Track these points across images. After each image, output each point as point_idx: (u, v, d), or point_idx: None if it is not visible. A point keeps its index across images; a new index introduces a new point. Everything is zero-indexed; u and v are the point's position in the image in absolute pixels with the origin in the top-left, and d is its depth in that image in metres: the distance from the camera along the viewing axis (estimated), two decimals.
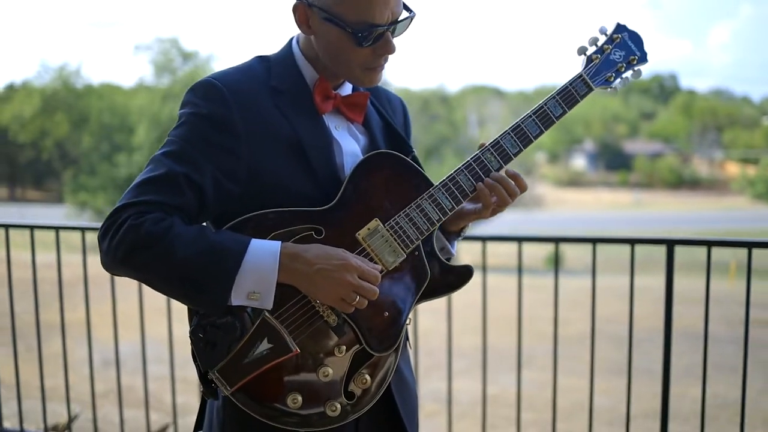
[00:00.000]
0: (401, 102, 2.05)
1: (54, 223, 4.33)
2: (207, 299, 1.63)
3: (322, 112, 1.79)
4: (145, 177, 1.67)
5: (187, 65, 38.80)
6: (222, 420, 1.78)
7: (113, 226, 1.62)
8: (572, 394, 9.34)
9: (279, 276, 1.63)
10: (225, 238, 1.65)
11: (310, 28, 1.74)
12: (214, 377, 1.67)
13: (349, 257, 1.65)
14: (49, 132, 39.35)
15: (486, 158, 1.81)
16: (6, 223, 4.31)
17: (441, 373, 11.65)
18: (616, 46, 1.92)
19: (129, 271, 1.65)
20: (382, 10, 1.65)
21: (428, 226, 1.76)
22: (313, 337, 1.70)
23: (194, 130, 1.70)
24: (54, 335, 4.56)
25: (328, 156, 1.77)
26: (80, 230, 4.29)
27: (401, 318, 1.76)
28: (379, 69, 1.76)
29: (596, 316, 3.69)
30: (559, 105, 1.85)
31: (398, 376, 1.85)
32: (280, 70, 1.79)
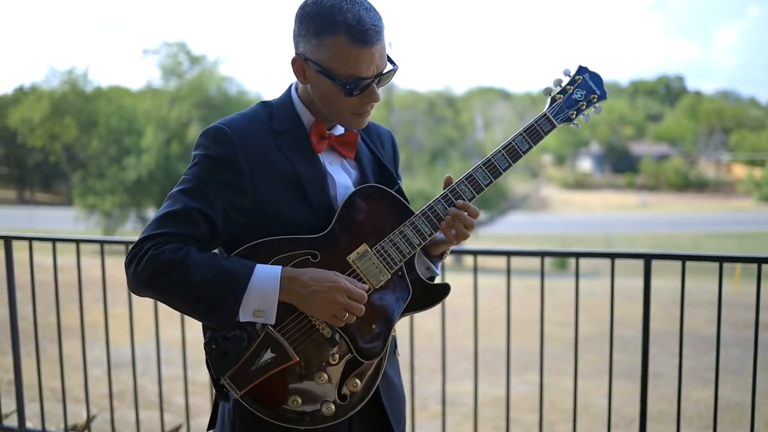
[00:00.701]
0: (390, 135, 2.30)
1: (75, 237, 4.52)
2: (218, 316, 1.87)
3: (318, 151, 2.03)
4: (164, 212, 1.91)
5: (194, 69, 38.92)
6: (233, 420, 2.02)
7: (138, 254, 1.86)
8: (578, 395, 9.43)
9: (280, 296, 1.88)
10: (233, 263, 1.88)
11: (306, 78, 1.98)
12: (225, 383, 1.92)
13: (340, 279, 1.89)
14: (57, 135, 39.44)
15: (460, 189, 2.04)
16: (30, 236, 4.48)
17: (448, 374, 11.77)
18: (578, 87, 2.15)
19: (152, 293, 1.89)
20: (368, 66, 1.89)
21: (410, 250, 1.99)
22: (311, 347, 1.94)
23: (205, 170, 1.94)
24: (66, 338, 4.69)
25: (323, 189, 2.01)
26: (99, 243, 4.52)
27: (387, 330, 1.98)
28: (366, 114, 2.00)
29: (601, 319, 3.78)
30: (526, 141, 2.08)
31: (386, 381, 2.09)
32: (281, 114, 2.04)
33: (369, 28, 1.87)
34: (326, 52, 1.89)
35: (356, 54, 1.88)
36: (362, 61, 1.89)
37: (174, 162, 36.07)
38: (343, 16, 1.86)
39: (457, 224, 2.02)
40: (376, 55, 1.90)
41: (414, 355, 4.19)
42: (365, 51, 1.88)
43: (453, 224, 2.03)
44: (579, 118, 2.17)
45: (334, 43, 1.87)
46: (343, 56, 1.88)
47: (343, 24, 1.86)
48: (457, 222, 2.02)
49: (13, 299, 4.49)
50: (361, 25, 1.86)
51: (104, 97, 39.16)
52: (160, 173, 35.90)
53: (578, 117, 2.17)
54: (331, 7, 1.87)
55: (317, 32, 1.89)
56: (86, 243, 4.63)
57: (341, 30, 1.86)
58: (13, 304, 4.50)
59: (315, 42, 1.90)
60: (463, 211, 2.02)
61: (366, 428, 2.08)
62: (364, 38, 1.87)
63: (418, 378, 11.94)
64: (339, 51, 1.87)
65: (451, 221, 2.02)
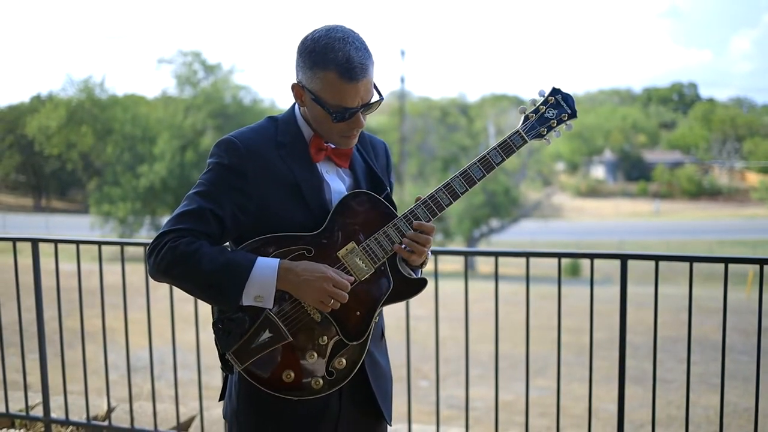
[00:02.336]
0: (384, 146, 2.57)
1: (97, 239, 4.70)
2: (224, 301, 2.15)
3: (316, 161, 2.30)
4: (181, 210, 2.20)
5: (209, 78, 39.11)
6: (238, 390, 2.32)
7: (158, 246, 2.14)
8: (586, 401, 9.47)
9: (277, 284, 2.14)
10: (238, 256, 2.16)
11: (303, 102, 2.26)
12: (230, 357, 2.20)
13: (328, 270, 2.15)
14: (74, 143, 39.71)
15: (439, 196, 2.31)
16: (55, 239, 4.66)
17: (457, 379, 11.89)
18: (550, 106, 2.41)
19: (169, 280, 2.18)
20: (353, 98, 2.15)
21: (392, 247, 2.26)
22: (303, 329, 2.21)
23: (217, 176, 2.22)
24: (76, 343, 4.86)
25: (319, 194, 2.27)
26: (120, 245, 4.74)
27: (370, 316, 2.24)
28: (352, 137, 2.28)
29: (611, 325, 3.88)
30: (499, 154, 2.33)
31: (372, 360, 2.35)
32: (285, 128, 2.32)
33: (356, 67, 2.12)
34: (318, 84, 2.15)
35: (344, 88, 2.13)
36: (348, 95, 2.14)
37: (188, 169, 36.29)
38: (335, 54, 2.11)
39: (413, 245, 2.27)
40: (362, 89, 2.16)
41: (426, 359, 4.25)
42: (351, 86, 2.13)
43: (411, 245, 2.27)
44: (551, 134, 2.42)
45: (325, 76, 2.13)
46: (332, 89, 2.14)
47: (333, 62, 2.11)
48: (416, 243, 2.27)
49: (39, 299, 4.68)
50: (349, 63, 2.11)
51: (120, 106, 39.35)
52: (174, 181, 36.12)
53: (549, 133, 2.41)
54: (325, 45, 2.14)
55: (312, 65, 2.16)
56: (107, 245, 4.82)
57: (331, 66, 2.12)
58: (40, 304, 4.68)
59: (310, 74, 2.18)
60: (419, 233, 2.27)
61: (354, 401, 2.35)
62: (350, 75, 2.12)
63: (427, 383, 12.11)
64: (329, 84, 2.14)
65: (410, 243, 2.27)
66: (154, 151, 36.39)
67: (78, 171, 45.26)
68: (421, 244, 2.26)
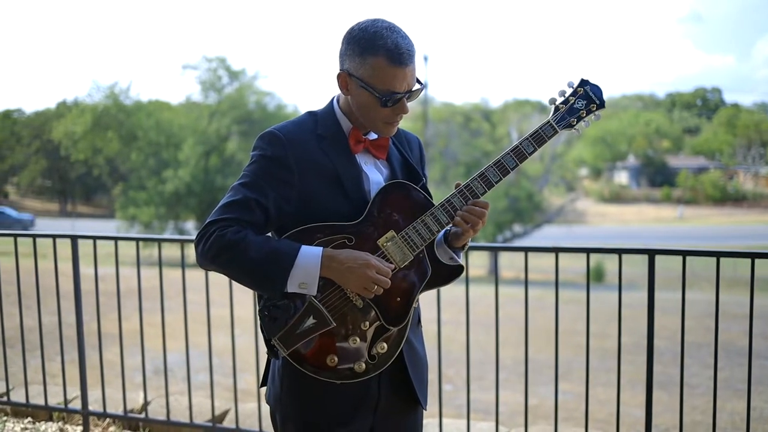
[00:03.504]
0: (418, 140, 2.67)
1: (135, 235, 4.83)
2: (270, 287, 2.22)
3: (355, 153, 2.38)
4: (227, 201, 2.28)
5: (233, 84, 39.31)
6: (281, 374, 2.39)
7: (205, 235, 2.22)
8: (610, 405, 9.51)
9: (320, 272, 2.21)
10: (283, 244, 2.22)
11: (348, 90, 2.33)
12: (275, 343, 2.26)
13: (370, 258, 2.22)
14: (100, 149, 40.04)
15: (474, 185, 2.38)
16: (94, 236, 4.79)
17: (480, 384, 11.92)
18: (579, 97, 2.47)
19: (216, 267, 2.24)
20: (401, 83, 2.24)
21: (430, 235, 2.32)
22: (346, 315, 2.28)
23: (261, 167, 2.30)
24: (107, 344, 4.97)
25: (358, 184, 2.35)
26: (157, 241, 4.86)
27: (409, 302, 2.31)
28: (395, 123, 2.36)
29: (635, 330, 3.90)
30: (531, 144, 2.40)
31: (409, 346, 2.42)
32: (324, 121, 2.40)
33: (404, 53, 2.22)
34: (368, 70, 2.23)
35: (392, 73, 2.22)
36: (396, 79, 2.23)
37: (213, 174, 36.51)
38: (384, 41, 2.21)
39: (468, 216, 2.36)
40: (408, 75, 2.25)
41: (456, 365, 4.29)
42: (399, 70, 2.22)
43: (467, 217, 2.36)
44: (580, 124, 2.48)
45: (375, 62, 2.22)
46: (381, 74, 2.22)
47: (383, 48, 2.21)
48: (471, 215, 2.36)
49: (78, 294, 4.80)
50: (398, 49, 2.21)
51: (144, 111, 39.63)
52: (198, 186, 36.34)
53: (579, 123, 2.48)
54: (374, 33, 2.23)
55: (361, 52, 2.25)
56: (145, 241, 4.96)
57: (381, 52, 2.21)
58: (79, 299, 4.81)
59: (359, 60, 2.26)
60: (474, 206, 2.37)
61: (392, 386, 2.43)
62: (399, 60, 2.22)
63: (450, 387, 12.13)
64: (378, 69, 2.22)
65: (466, 215, 2.36)
66: (179, 157, 36.63)
67: (103, 176, 45.59)
68: (477, 217, 2.34)
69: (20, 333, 5.05)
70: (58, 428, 5.01)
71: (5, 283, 4.99)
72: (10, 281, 4.98)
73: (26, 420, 5.17)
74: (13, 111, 60.83)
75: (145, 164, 37.93)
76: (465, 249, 2.54)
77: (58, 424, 5.07)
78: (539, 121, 2.50)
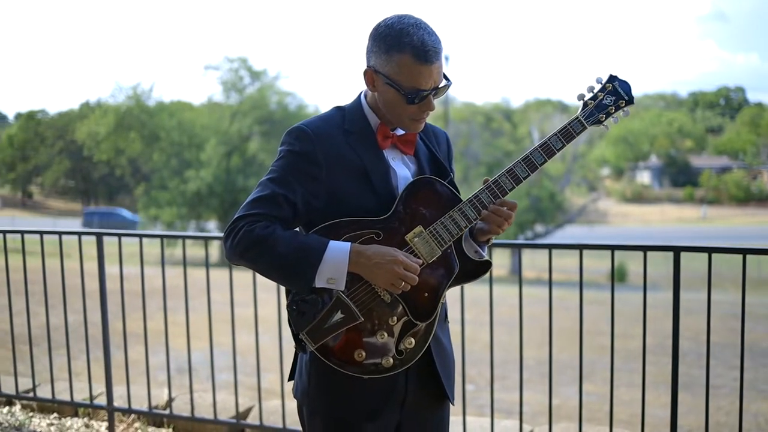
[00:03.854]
0: (446, 135, 2.66)
1: (159, 233, 4.92)
2: (298, 282, 2.21)
3: (382, 148, 2.38)
4: (255, 196, 2.28)
5: (255, 84, 39.45)
6: (309, 369, 2.38)
7: (234, 230, 2.23)
8: (633, 406, 9.45)
9: (348, 267, 2.20)
10: (311, 239, 2.22)
11: (374, 87, 2.32)
12: (303, 337, 2.26)
13: (398, 254, 2.20)
14: (122, 149, 40.32)
15: (502, 181, 2.37)
16: (119, 233, 4.84)
17: (502, 384, 11.86)
18: (608, 93, 2.46)
19: (245, 262, 2.25)
20: (427, 81, 2.23)
21: (458, 231, 2.31)
22: (374, 310, 2.27)
23: (289, 162, 2.29)
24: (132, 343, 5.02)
25: (386, 180, 2.33)
26: (181, 238, 4.93)
27: (437, 297, 2.30)
28: (421, 120, 2.36)
29: (658, 330, 3.86)
30: (560, 140, 2.39)
31: (437, 341, 2.41)
32: (352, 117, 2.39)
33: (430, 50, 2.20)
34: (394, 67, 2.21)
35: (418, 70, 2.20)
36: (422, 76, 2.21)
37: (234, 175, 36.69)
38: (410, 38, 2.19)
39: (494, 217, 2.36)
40: (434, 72, 2.23)
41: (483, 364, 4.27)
42: (425, 68, 2.20)
43: (493, 218, 2.36)
44: (609, 120, 2.48)
45: (401, 59, 2.20)
46: (407, 71, 2.20)
47: (409, 45, 2.18)
48: (497, 215, 2.36)
49: (103, 291, 4.85)
50: (424, 46, 2.19)
51: (167, 112, 39.87)
52: (220, 186, 36.52)
53: (608, 120, 2.47)
54: (400, 30, 2.22)
55: (387, 49, 2.24)
56: (169, 238, 5.02)
57: (407, 49, 2.19)
58: (104, 295, 4.85)
59: (385, 57, 2.25)
60: (502, 206, 2.36)
61: (419, 381, 2.41)
62: (426, 57, 2.19)
63: (472, 387, 12.11)
64: (404, 66, 2.20)
65: (492, 215, 2.36)
66: (201, 157, 36.81)
67: (126, 176, 45.92)
68: (503, 219, 2.34)
69: (47, 331, 5.11)
70: (84, 424, 5.06)
71: (30, 282, 5.05)
72: (35, 281, 5.03)
73: (52, 416, 5.22)
74: (37, 112, 61.52)
75: (167, 164, 38.17)
76: (490, 243, 2.53)
77: (83, 420, 5.12)
78: (560, 120, 2.48)
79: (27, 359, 5.30)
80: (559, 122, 26.02)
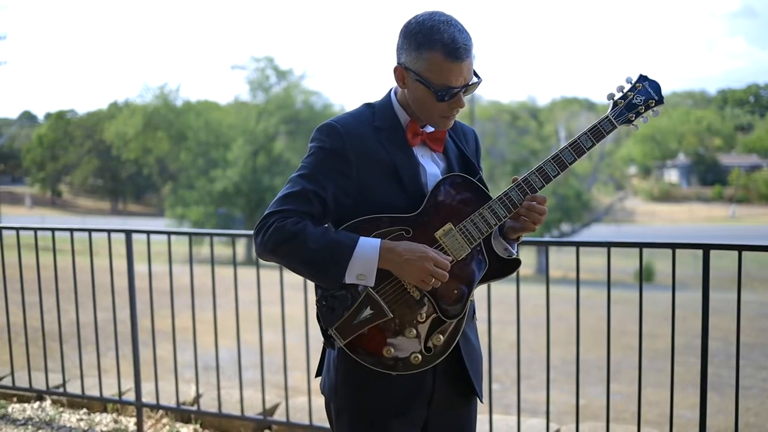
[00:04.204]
0: (474, 133, 2.67)
1: (186, 230, 5.01)
2: (328, 278, 2.22)
3: (412, 145, 2.38)
4: (286, 192, 2.29)
5: (281, 83, 39.59)
6: (337, 365, 2.39)
7: (264, 227, 2.23)
8: (661, 407, 9.37)
9: (378, 263, 2.20)
10: (342, 236, 2.23)
11: (404, 84, 2.33)
12: (332, 333, 2.26)
13: (428, 250, 2.20)
14: (150, 149, 40.65)
15: (532, 179, 2.37)
16: (148, 230, 4.89)
17: (528, 383, 11.83)
18: (638, 93, 2.46)
19: (275, 258, 2.25)
20: (457, 78, 2.23)
21: (488, 228, 2.32)
22: (403, 306, 2.27)
23: (319, 159, 2.29)
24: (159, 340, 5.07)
25: (415, 177, 2.34)
26: (209, 235, 4.96)
27: (466, 295, 2.30)
28: (451, 117, 2.36)
29: (686, 330, 3.82)
30: (590, 139, 2.40)
31: (465, 339, 2.42)
32: (382, 114, 2.40)
33: (460, 47, 2.19)
34: (424, 64, 2.22)
35: (448, 67, 2.20)
36: (452, 74, 2.21)
37: (260, 174, 36.85)
38: (440, 35, 2.19)
39: (530, 213, 2.37)
40: (465, 69, 2.23)
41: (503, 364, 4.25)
42: (456, 65, 2.20)
43: (528, 214, 2.38)
44: (638, 120, 2.48)
45: (431, 56, 2.20)
46: (437, 68, 2.20)
47: (440, 42, 2.18)
48: (531, 212, 2.37)
49: (132, 288, 4.90)
50: (454, 44, 2.18)
51: (193, 112, 40.13)
52: (246, 185, 36.70)
53: (637, 119, 2.47)
54: (431, 27, 2.22)
55: (417, 46, 2.24)
56: (197, 236, 5.05)
57: (438, 47, 2.19)
58: (133, 293, 4.90)
59: (415, 54, 2.25)
60: (533, 202, 2.37)
61: (447, 378, 2.42)
62: (456, 55, 2.19)
63: (498, 386, 12.08)
64: (434, 64, 2.20)
65: (525, 211, 2.37)
66: (228, 157, 36.99)
67: (153, 175, 46.33)
68: (538, 214, 2.35)
69: (77, 328, 5.17)
70: (113, 419, 5.12)
71: (60, 280, 5.11)
72: (64, 278, 5.09)
73: (81, 411, 5.28)
74: (66, 112, 62.24)
75: (194, 164, 38.40)
76: (519, 241, 2.54)
77: (112, 416, 5.18)
78: (587, 119, 2.47)
79: (57, 356, 5.37)
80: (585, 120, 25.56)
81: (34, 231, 5.21)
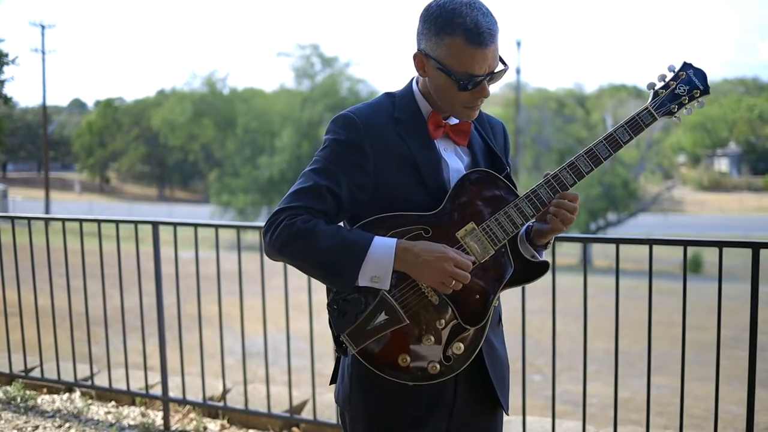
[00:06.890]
0: (502, 126, 2.45)
1: (213, 222, 4.91)
2: (340, 280, 2.07)
3: (434, 138, 2.20)
4: (298, 187, 2.13)
5: (326, 71, 39.67)
6: (351, 373, 2.24)
7: (274, 224, 2.08)
8: (707, 401, 9.19)
9: (394, 265, 2.04)
10: (355, 234, 2.07)
11: (425, 72, 2.16)
12: (344, 339, 2.11)
13: (447, 250, 2.04)
14: (196, 136, 41.04)
15: (563, 176, 2.18)
16: (174, 222, 4.83)
17: (570, 375, 11.70)
18: (681, 82, 2.24)
19: (285, 258, 2.11)
20: (480, 65, 2.05)
21: (513, 229, 2.14)
22: (420, 312, 2.11)
23: (334, 152, 2.14)
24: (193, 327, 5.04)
25: (437, 172, 2.17)
26: (236, 228, 4.91)
27: (489, 300, 2.13)
28: (476, 107, 2.17)
29: (733, 323, 3.69)
30: (627, 132, 2.18)
31: (489, 346, 2.24)
32: (403, 104, 2.23)
33: (484, 32, 2.02)
34: (444, 50, 2.05)
35: (471, 54, 2.03)
36: (475, 61, 2.04)
37: (305, 161, 36.97)
38: (462, 19, 2.02)
39: (560, 212, 2.18)
40: (489, 56, 2.06)
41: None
42: (479, 51, 2.03)
43: (558, 212, 2.18)
44: (681, 111, 2.26)
45: (452, 42, 2.03)
46: (459, 55, 2.04)
47: (461, 26, 2.02)
48: (560, 209, 2.18)
49: (159, 281, 4.84)
50: (477, 28, 2.02)
51: (239, 99, 40.37)
52: (291, 173, 36.86)
53: (680, 111, 2.25)
54: (452, 10, 2.05)
55: (437, 32, 2.07)
56: (223, 228, 5.00)
57: (459, 32, 2.02)
58: (160, 286, 4.85)
59: (435, 40, 2.08)
60: (563, 199, 2.18)
61: (470, 388, 2.25)
62: (479, 40, 2.02)
63: (540, 378, 11.96)
64: (456, 50, 2.04)
65: (555, 210, 2.18)
66: (276, 144, 37.14)
67: (200, 162, 46.81)
68: (569, 212, 2.17)
69: (104, 320, 5.14)
70: (140, 413, 5.08)
71: (90, 275, 5.10)
72: (92, 273, 5.07)
73: (110, 404, 5.26)
74: (114, 99, 63.07)
75: (240, 151, 38.65)
76: (548, 248, 2.35)
77: (140, 409, 5.15)
78: (635, 106, 2.30)
79: (86, 348, 5.35)
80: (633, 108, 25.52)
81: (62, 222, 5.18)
